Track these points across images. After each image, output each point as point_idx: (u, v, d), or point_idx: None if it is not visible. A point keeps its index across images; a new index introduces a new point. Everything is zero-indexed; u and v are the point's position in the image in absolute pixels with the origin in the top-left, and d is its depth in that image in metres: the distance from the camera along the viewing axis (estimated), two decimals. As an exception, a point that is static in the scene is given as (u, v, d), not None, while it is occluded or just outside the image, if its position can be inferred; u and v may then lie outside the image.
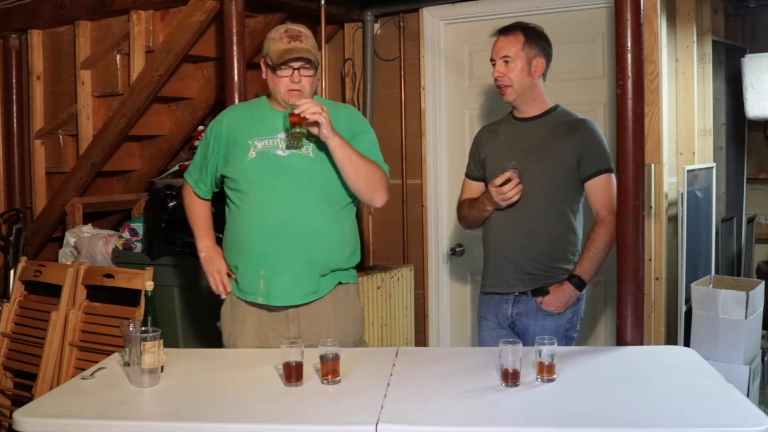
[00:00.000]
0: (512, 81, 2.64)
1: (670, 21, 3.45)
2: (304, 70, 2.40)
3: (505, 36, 2.67)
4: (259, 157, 2.44)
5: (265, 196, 2.42)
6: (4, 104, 4.32)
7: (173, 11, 3.67)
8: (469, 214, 2.80)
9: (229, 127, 2.54)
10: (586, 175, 2.63)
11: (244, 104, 2.70)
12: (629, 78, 2.36)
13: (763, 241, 4.53)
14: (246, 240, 2.45)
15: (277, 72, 2.40)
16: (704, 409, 1.85)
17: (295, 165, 2.42)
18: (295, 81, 2.40)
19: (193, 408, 1.96)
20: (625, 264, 2.39)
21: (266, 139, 2.46)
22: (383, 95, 4.13)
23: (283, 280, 2.42)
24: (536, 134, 2.69)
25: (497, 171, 2.72)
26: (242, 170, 2.45)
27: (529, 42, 2.65)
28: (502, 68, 2.65)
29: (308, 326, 2.46)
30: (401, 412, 1.86)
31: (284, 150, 2.44)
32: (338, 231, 2.47)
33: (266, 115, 2.50)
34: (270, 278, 2.43)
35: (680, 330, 3.34)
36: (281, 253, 2.41)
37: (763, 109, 3.83)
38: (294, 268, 2.42)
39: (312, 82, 2.44)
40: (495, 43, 2.70)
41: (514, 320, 2.69)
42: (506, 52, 2.64)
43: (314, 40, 2.46)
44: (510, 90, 2.66)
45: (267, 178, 2.42)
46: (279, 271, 2.42)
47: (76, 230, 4.01)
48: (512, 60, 2.63)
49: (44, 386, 3.14)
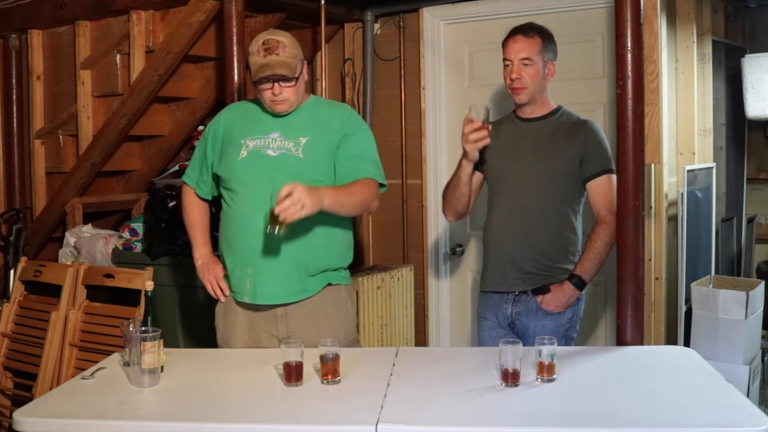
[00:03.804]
0: (529, 83, 2.62)
1: (670, 21, 3.45)
2: (284, 81, 2.39)
3: (525, 37, 2.63)
4: (250, 156, 2.45)
5: (253, 196, 2.42)
6: (4, 104, 4.32)
7: (173, 11, 3.67)
8: (448, 186, 2.77)
9: (226, 125, 2.55)
10: (587, 175, 2.63)
11: (243, 103, 2.70)
12: (629, 78, 2.35)
13: (763, 241, 4.53)
14: (235, 239, 2.47)
15: (258, 86, 2.41)
16: (704, 409, 1.85)
17: (285, 165, 2.42)
18: (276, 94, 2.40)
19: (193, 408, 1.96)
20: (625, 264, 2.39)
21: (258, 139, 2.46)
22: (383, 95, 4.13)
23: (269, 279, 2.42)
24: (539, 134, 2.68)
25: (496, 169, 2.72)
26: (233, 169, 2.46)
27: (545, 45, 2.63)
28: (520, 70, 2.61)
29: (297, 326, 2.46)
30: (401, 412, 1.86)
31: (275, 150, 2.44)
32: (327, 231, 2.46)
33: (260, 116, 2.50)
34: (256, 277, 2.43)
35: (680, 330, 3.34)
36: (267, 252, 2.41)
37: (763, 109, 3.83)
38: (280, 268, 2.42)
39: (296, 90, 2.42)
40: (512, 42, 2.64)
41: (514, 320, 2.69)
42: (527, 54, 2.60)
43: (294, 47, 2.42)
44: (525, 92, 2.63)
45: (256, 178, 2.42)
46: (265, 271, 2.42)
47: (76, 230, 4.01)
48: (532, 63, 2.60)
49: (44, 386, 3.14)
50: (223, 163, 2.50)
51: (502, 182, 2.72)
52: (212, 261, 2.59)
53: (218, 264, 2.57)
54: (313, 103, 2.55)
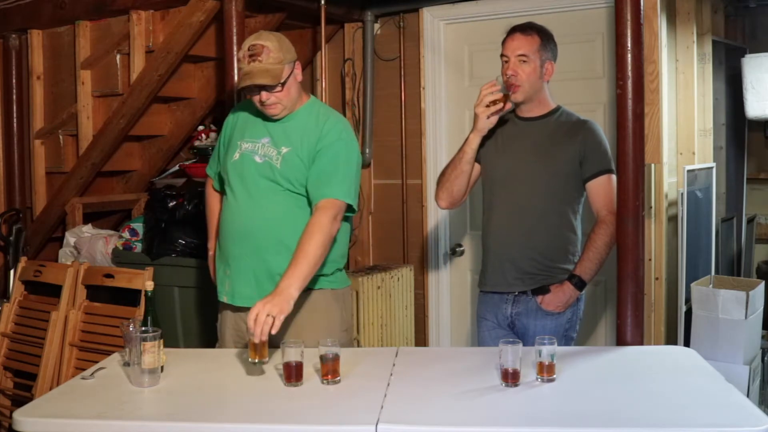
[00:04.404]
0: (524, 81, 2.60)
1: (670, 21, 3.45)
2: (266, 90, 2.36)
3: (523, 35, 2.62)
4: (240, 159, 2.46)
5: (236, 199, 2.45)
6: (4, 104, 4.32)
7: (173, 11, 3.67)
8: (448, 166, 2.73)
9: (233, 122, 2.58)
10: (587, 175, 2.63)
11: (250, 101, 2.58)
12: (629, 78, 2.35)
13: (763, 241, 4.53)
14: (222, 237, 2.51)
15: (243, 92, 2.40)
16: (704, 409, 1.85)
17: (265, 174, 2.42)
18: (263, 100, 2.39)
19: (193, 408, 1.96)
20: (625, 264, 2.39)
21: (251, 142, 2.47)
22: (383, 95, 4.13)
23: (244, 282, 2.45)
24: (539, 134, 2.68)
25: (496, 168, 2.71)
26: (227, 170, 2.50)
27: (543, 45, 2.63)
28: (516, 66, 2.60)
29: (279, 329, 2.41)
30: (401, 412, 1.86)
31: (261, 157, 2.44)
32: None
33: (257, 119, 2.50)
34: (233, 279, 2.47)
35: (680, 330, 3.34)
36: (245, 256, 2.43)
37: (763, 109, 3.83)
38: (253, 272, 2.43)
39: (286, 94, 2.38)
40: (510, 40, 2.64)
41: (514, 320, 2.69)
42: (524, 51, 2.60)
43: (280, 51, 2.35)
44: (520, 90, 2.62)
45: (240, 182, 2.44)
46: (240, 274, 2.45)
47: (76, 230, 4.01)
48: (528, 60, 2.60)
49: (44, 386, 3.14)
50: (223, 162, 2.55)
51: (501, 182, 2.71)
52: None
53: None
54: (309, 109, 2.48)
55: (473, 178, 2.78)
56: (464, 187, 2.75)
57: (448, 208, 2.83)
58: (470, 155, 2.67)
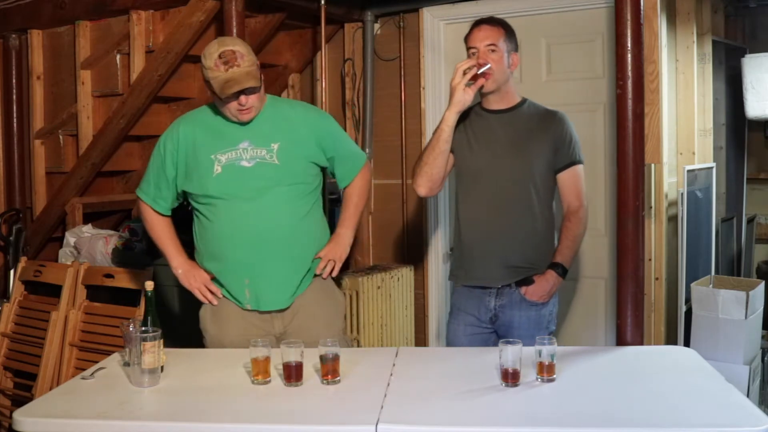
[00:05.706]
0: (494, 70, 2.61)
1: (670, 21, 3.45)
2: (251, 92, 2.37)
3: (490, 26, 2.65)
4: (225, 171, 2.43)
5: (237, 208, 2.43)
6: (4, 104, 4.32)
7: (173, 11, 3.67)
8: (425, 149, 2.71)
9: (186, 140, 2.49)
10: (559, 166, 2.65)
11: (196, 115, 2.58)
12: (629, 78, 2.36)
13: (763, 241, 4.53)
14: (225, 250, 2.47)
15: (223, 99, 2.37)
16: (704, 409, 1.85)
17: (262, 174, 2.43)
18: (243, 104, 2.37)
19: (193, 408, 1.96)
20: (625, 264, 2.39)
21: (229, 152, 2.44)
22: (383, 95, 4.13)
23: (271, 286, 2.46)
24: (510, 127, 2.68)
25: (472, 163, 2.69)
26: (210, 186, 2.44)
27: (508, 36, 2.66)
28: (486, 56, 2.61)
29: (291, 320, 2.50)
30: (401, 412, 1.86)
31: (249, 160, 2.43)
32: (310, 228, 2.53)
33: (224, 128, 2.47)
34: (256, 286, 2.46)
35: (680, 330, 3.34)
36: (265, 261, 2.44)
37: (763, 109, 3.84)
38: (279, 274, 2.46)
39: (260, 96, 2.42)
40: (477, 30, 2.66)
41: (498, 313, 2.68)
42: (492, 40, 2.62)
43: (250, 53, 2.37)
44: (492, 79, 2.62)
45: (237, 191, 2.43)
46: (265, 279, 2.46)
47: (76, 230, 4.01)
48: (497, 50, 2.61)
49: (44, 386, 3.14)
50: (196, 182, 2.47)
51: (478, 176, 2.68)
52: (194, 267, 2.56)
53: (200, 269, 2.54)
54: (272, 103, 2.52)
55: (449, 166, 2.75)
56: (443, 170, 2.70)
57: (427, 194, 2.77)
58: (447, 133, 2.63)
